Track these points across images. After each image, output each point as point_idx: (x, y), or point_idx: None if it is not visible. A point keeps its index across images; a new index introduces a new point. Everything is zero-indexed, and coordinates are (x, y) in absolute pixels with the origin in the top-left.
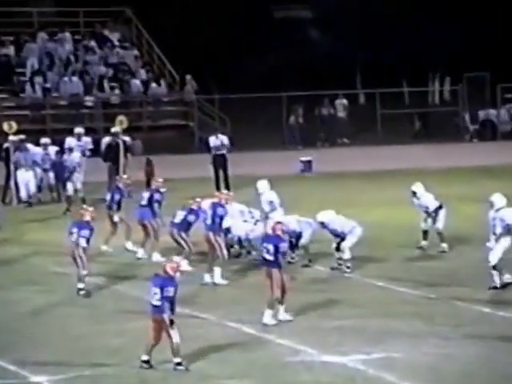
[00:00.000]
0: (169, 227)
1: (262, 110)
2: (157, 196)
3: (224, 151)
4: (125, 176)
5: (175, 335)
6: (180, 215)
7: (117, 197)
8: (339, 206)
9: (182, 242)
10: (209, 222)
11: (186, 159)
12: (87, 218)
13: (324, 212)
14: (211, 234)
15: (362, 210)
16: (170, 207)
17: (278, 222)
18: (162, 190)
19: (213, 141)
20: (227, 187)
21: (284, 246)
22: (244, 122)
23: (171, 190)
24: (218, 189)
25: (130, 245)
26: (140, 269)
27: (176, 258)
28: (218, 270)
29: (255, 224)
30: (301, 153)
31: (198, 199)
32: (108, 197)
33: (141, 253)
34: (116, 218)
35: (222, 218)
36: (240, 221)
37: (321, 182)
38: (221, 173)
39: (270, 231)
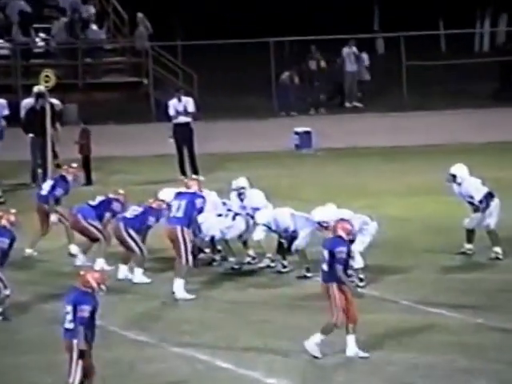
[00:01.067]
0: (114, 221)
1: (241, 63)
2: (115, 206)
3: (189, 119)
4: (121, 191)
5: (76, 373)
6: (134, 210)
7: (59, 191)
8: (348, 194)
9: (131, 243)
10: (179, 214)
11: (138, 130)
12: (3, 222)
13: (322, 208)
14: (179, 230)
15: (378, 201)
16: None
17: (342, 220)
18: (121, 198)
19: (174, 105)
20: (194, 170)
21: (342, 251)
22: (217, 80)
23: (116, 172)
24: (184, 172)
25: (74, 248)
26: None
27: (100, 264)
28: (179, 282)
29: (233, 219)
30: (296, 121)
31: (121, 191)
32: (45, 186)
33: (81, 259)
34: (53, 218)
35: (200, 211)
36: (213, 216)
37: (323, 161)
38: (185, 149)
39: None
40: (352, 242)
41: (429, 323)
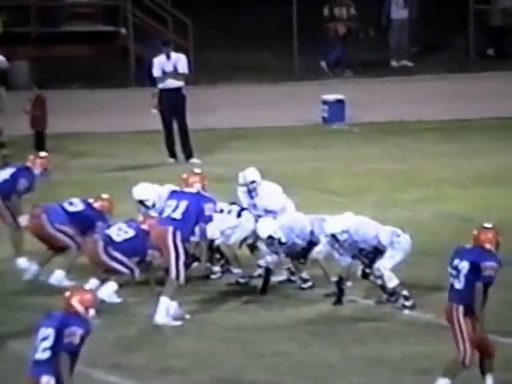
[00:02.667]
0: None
1: (251, 6)
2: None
3: (181, 83)
4: (105, 196)
5: None
6: (121, 233)
7: (23, 183)
8: (392, 184)
9: (115, 265)
10: (176, 215)
11: (111, 98)
12: None
13: (337, 218)
14: (170, 233)
15: (434, 194)
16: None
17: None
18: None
19: (161, 64)
20: (186, 151)
21: (490, 266)
22: (218, 30)
23: (81, 154)
24: (173, 154)
25: (23, 261)
26: (34, 299)
27: (92, 284)
28: (164, 303)
29: (239, 216)
30: (324, 86)
31: (105, 196)
32: (2, 174)
33: (31, 271)
34: (22, 221)
35: (208, 221)
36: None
37: (359, 140)
38: (175, 123)
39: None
40: (374, 255)
41: (508, 358)
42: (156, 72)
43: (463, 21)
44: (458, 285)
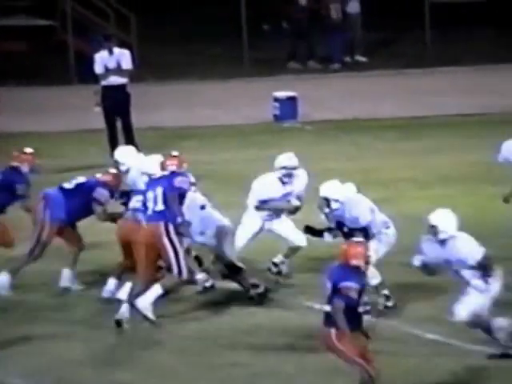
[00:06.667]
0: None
1: None
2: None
3: (124, 80)
4: (113, 170)
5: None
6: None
7: (20, 189)
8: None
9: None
10: (159, 206)
11: (50, 95)
12: None
13: (339, 185)
14: (163, 229)
15: (393, 194)
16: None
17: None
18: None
19: (103, 59)
20: None
21: (348, 287)
22: (164, 24)
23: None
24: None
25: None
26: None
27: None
28: (154, 292)
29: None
30: (275, 83)
31: (113, 170)
32: None
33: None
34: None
35: (182, 194)
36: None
37: (313, 138)
38: (118, 122)
39: None
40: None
41: (467, 365)
42: (98, 68)
43: (419, 14)
44: (328, 307)
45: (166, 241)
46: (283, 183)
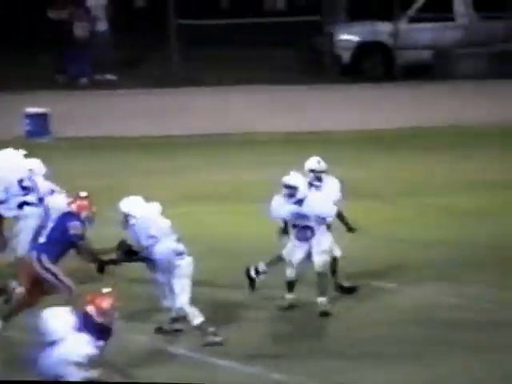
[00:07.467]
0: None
1: None
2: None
3: None
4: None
5: None
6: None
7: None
8: (98, 200)
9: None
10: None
11: None
12: None
13: (296, 174)
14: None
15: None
16: None
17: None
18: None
19: None
20: None
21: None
22: None
23: None
24: None
25: None
26: None
27: None
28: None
29: None
30: (28, 98)
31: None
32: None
33: None
34: None
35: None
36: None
37: (65, 156)
38: None
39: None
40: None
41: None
42: None
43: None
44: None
45: (41, 270)
46: (313, 186)
